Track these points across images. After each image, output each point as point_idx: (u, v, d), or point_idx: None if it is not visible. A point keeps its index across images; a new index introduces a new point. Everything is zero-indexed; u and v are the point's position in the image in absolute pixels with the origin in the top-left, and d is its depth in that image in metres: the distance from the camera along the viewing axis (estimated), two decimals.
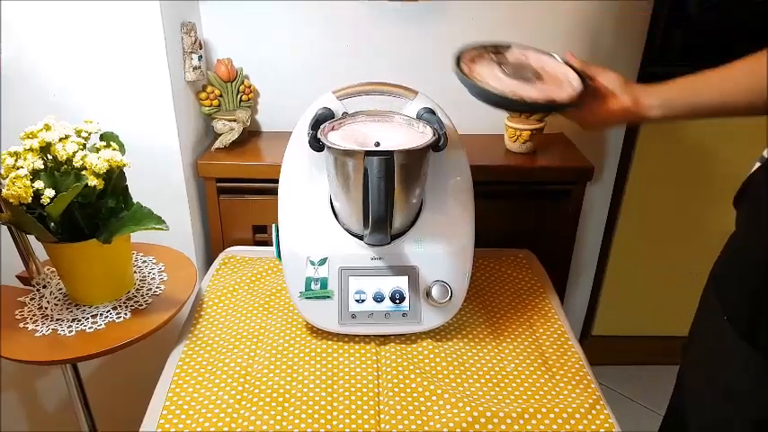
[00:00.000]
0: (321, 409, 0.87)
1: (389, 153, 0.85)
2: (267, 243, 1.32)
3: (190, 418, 0.86)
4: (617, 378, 1.82)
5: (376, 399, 0.88)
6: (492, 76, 0.87)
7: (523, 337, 1.05)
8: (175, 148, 1.22)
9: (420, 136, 0.95)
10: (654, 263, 1.73)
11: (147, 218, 0.94)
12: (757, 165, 0.78)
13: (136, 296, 1.03)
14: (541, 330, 1.07)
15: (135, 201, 0.98)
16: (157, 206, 0.98)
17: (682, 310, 1.76)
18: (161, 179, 1.24)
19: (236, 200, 1.31)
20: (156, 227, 0.92)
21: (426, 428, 0.84)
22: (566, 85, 0.87)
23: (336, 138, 0.93)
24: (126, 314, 0.98)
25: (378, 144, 0.93)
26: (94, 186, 0.89)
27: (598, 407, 0.89)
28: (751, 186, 0.77)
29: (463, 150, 1.03)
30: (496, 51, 0.93)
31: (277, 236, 1.02)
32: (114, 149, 0.92)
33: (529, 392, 0.92)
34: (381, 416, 0.86)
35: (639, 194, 1.61)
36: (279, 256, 1.02)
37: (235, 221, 1.33)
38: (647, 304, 1.81)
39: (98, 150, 0.90)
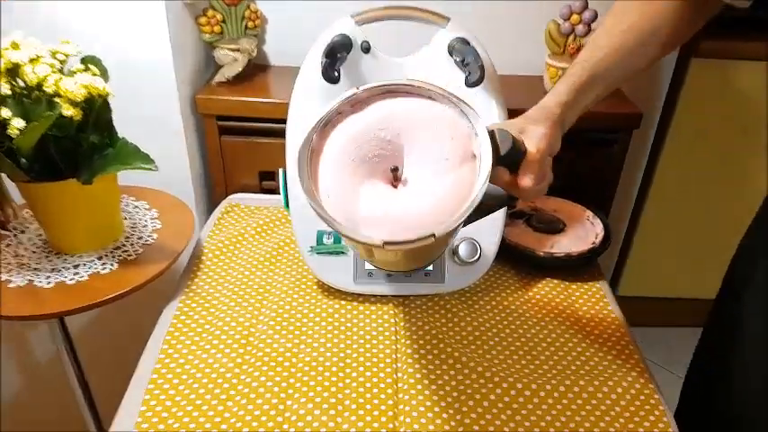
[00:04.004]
0: (332, 375, 0.80)
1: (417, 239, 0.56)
2: (275, 191, 1.24)
3: (183, 383, 0.78)
4: (641, 341, 1.78)
5: (393, 366, 0.82)
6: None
7: (558, 300, 0.97)
8: (171, 80, 1.12)
9: (461, 142, 0.61)
10: (688, 222, 1.64)
11: (134, 156, 0.84)
12: None
13: (125, 245, 0.95)
14: (578, 293, 0.98)
15: (121, 137, 0.88)
16: (151, 145, 0.89)
17: (711, 272, 1.72)
18: (155, 115, 1.15)
19: (241, 141, 1.22)
20: (144, 166, 0.83)
21: (449, 399, 0.77)
22: (587, 225, 1.07)
23: (340, 142, 0.62)
24: (112, 265, 0.91)
25: (395, 170, 0.62)
26: (71, 117, 0.78)
27: (642, 380, 0.82)
28: None
29: (500, 91, 0.92)
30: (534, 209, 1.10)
31: (285, 182, 0.94)
32: (95, 74, 0.82)
33: (564, 362, 0.85)
34: (399, 385, 0.79)
35: (681, 148, 1.51)
36: (287, 205, 0.93)
37: (239, 165, 1.25)
38: (676, 265, 1.73)
39: (74, 75, 0.79)
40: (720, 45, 1.38)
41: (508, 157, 0.62)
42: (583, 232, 1.04)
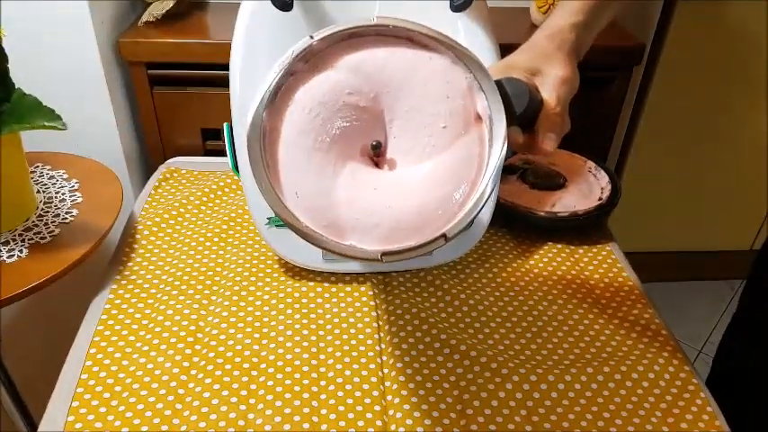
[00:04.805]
0: (304, 377, 0.70)
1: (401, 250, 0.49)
2: (221, 152, 1.10)
3: (116, 397, 0.68)
4: None
5: (378, 360, 0.72)
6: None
7: (565, 267, 0.87)
8: (86, 21, 1.01)
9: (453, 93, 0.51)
10: (675, 171, 1.59)
11: (34, 112, 0.71)
12: None
13: (37, 225, 0.86)
14: (586, 259, 0.89)
15: (18, 88, 0.74)
16: (67, 102, 0.80)
17: (696, 223, 1.64)
18: (70, 64, 1.04)
19: (177, 93, 1.12)
20: (48, 124, 0.70)
21: (449, 400, 0.68)
22: (591, 179, 0.96)
23: (298, 117, 0.49)
24: (21, 251, 0.81)
25: (377, 147, 0.51)
26: None
27: (675, 361, 0.73)
28: None
29: (488, 19, 0.80)
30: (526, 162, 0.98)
31: (231, 139, 0.83)
32: None
33: (581, 345, 0.76)
34: (386, 383, 0.69)
35: (669, 89, 1.44)
36: (235, 168, 0.83)
37: (177, 122, 1.15)
38: (664, 217, 1.69)
39: None
40: None
41: (524, 115, 0.51)
42: (586, 187, 0.94)
